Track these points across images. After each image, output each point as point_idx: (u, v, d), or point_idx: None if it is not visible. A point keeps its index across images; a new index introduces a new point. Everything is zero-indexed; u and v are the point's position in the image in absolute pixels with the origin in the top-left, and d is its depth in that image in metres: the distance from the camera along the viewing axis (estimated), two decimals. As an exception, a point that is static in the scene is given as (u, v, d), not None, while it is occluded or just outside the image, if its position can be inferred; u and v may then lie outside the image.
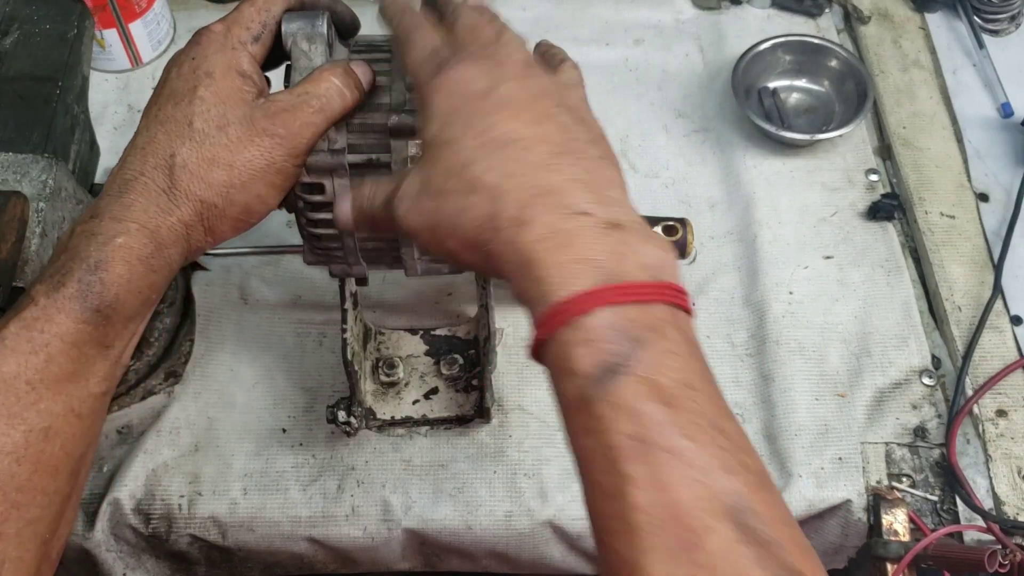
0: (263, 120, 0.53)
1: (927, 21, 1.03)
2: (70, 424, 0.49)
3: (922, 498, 0.73)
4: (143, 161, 0.52)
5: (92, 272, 0.49)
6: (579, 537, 0.72)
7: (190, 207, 0.52)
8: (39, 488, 0.47)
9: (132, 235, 0.50)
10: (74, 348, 0.48)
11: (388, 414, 0.76)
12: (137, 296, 0.50)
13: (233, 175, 0.52)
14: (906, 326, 0.81)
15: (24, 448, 0.46)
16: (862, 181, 0.90)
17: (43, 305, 0.48)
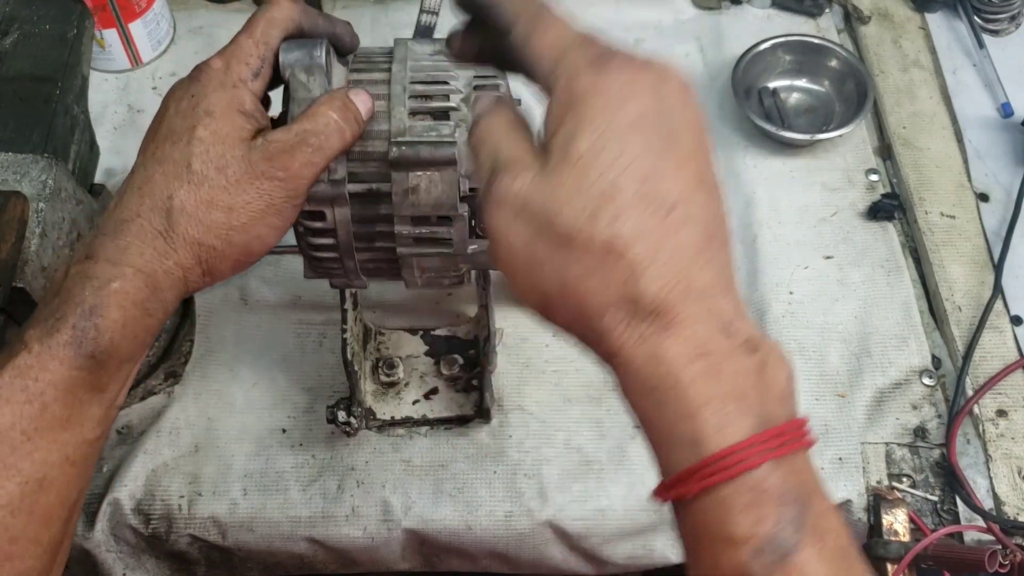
0: (262, 162, 0.51)
1: (927, 21, 1.03)
2: (65, 472, 0.48)
3: (922, 498, 0.73)
4: (140, 202, 0.51)
5: (87, 318, 0.47)
6: (579, 537, 0.72)
7: (188, 251, 0.51)
8: (32, 538, 0.46)
9: (128, 280, 0.48)
10: (68, 395, 0.47)
11: (388, 414, 0.76)
12: (132, 340, 0.49)
13: (232, 217, 0.51)
14: (906, 326, 0.81)
15: (19, 500, 0.45)
16: (862, 181, 0.90)
17: (37, 352, 0.46)
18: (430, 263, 0.61)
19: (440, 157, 0.56)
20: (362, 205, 0.57)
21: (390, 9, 1.03)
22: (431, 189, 0.56)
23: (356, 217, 0.57)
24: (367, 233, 0.58)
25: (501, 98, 0.52)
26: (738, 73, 0.93)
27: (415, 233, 0.58)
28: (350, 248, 0.59)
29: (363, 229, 0.58)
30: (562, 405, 0.77)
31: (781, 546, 0.34)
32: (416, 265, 0.61)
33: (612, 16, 1.03)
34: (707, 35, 1.02)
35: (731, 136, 0.93)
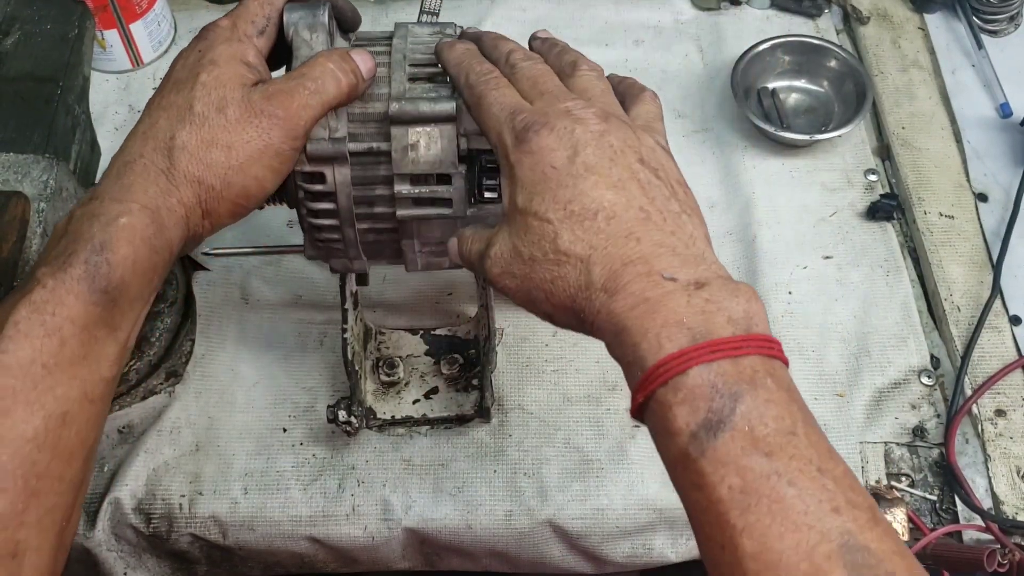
0: (261, 102, 0.53)
1: (926, 21, 1.03)
2: (84, 409, 0.48)
3: (921, 497, 0.73)
4: (143, 144, 0.53)
5: (98, 253, 0.48)
6: (579, 536, 0.73)
7: (189, 188, 0.52)
8: (57, 475, 0.47)
9: (135, 215, 0.50)
10: (85, 331, 0.48)
11: (388, 414, 0.76)
12: (142, 277, 0.50)
13: (231, 156, 0.53)
14: (905, 326, 0.81)
15: (44, 435, 0.46)
16: (861, 181, 0.90)
17: (52, 287, 0.47)
18: (430, 231, 0.61)
19: (440, 112, 0.57)
20: (362, 167, 0.58)
21: (390, 9, 1.03)
22: (430, 145, 0.57)
23: (356, 179, 0.58)
24: (367, 197, 0.59)
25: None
26: (737, 74, 0.93)
27: (414, 193, 0.59)
28: (350, 214, 0.59)
29: (363, 192, 0.59)
30: (562, 405, 0.77)
31: (712, 429, 0.41)
32: (416, 233, 0.61)
33: (611, 17, 1.03)
34: (706, 36, 1.02)
35: (730, 136, 0.93)
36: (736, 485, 0.40)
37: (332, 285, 0.80)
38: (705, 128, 0.95)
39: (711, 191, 0.90)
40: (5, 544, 0.44)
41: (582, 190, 0.48)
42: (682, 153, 0.92)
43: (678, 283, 0.45)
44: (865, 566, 0.38)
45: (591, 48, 1.00)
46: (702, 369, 0.42)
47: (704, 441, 0.41)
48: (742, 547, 0.39)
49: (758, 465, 0.40)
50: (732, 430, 0.41)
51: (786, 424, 0.41)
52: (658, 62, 1.00)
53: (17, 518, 0.45)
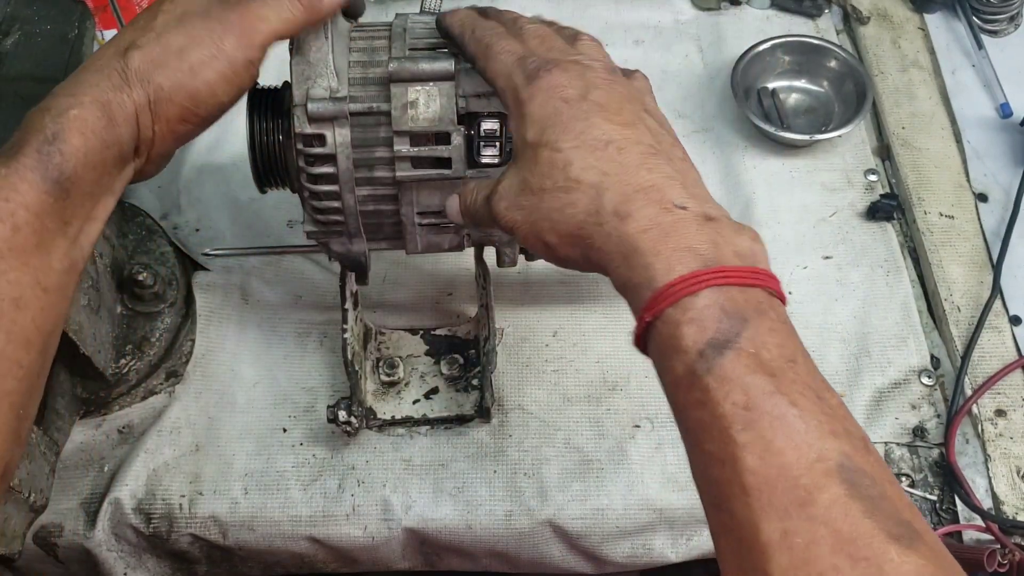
0: (217, 9, 0.55)
1: (926, 21, 1.03)
2: (38, 297, 0.49)
3: (921, 497, 0.73)
4: (104, 50, 0.54)
5: (50, 143, 0.49)
6: (578, 536, 0.73)
7: (139, 87, 0.53)
8: (13, 360, 0.48)
9: (85, 107, 0.51)
10: (37, 219, 0.49)
11: (388, 414, 0.76)
12: (92, 171, 0.51)
13: (182, 59, 0.54)
14: (905, 326, 0.81)
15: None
16: (861, 181, 0.90)
17: (4, 174, 0.48)
18: (429, 198, 0.62)
19: (439, 70, 0.58)
20: (362, 128, 0.59)
21: (390, 9, 1.03)
22: (429, 103, 0.58)
23: (356, 141, 0.59)
24: (367, 159, 0.60)
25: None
26: (737, 74, 0.93)
27: (413, 152, 0.59)
28: (350, 176, 0.59)
29: (362, 155, 0.59)
30: (562, 405, 0.77)
31: (719, 347, 0.42)
32: (415, 200, 0.61)
33: (611, 17, 1.03)
34: (706, 36, 1.02)
35: (730, 136, 0.93)
36: (740, 401, 0.41)
37: (332, 286, 0.80)
38: (705, 128, 0.95)
39: (711, 191, 0.88)
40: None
41: (594, 123, 0.49)
42: (682, 153, 0.93)
43: (689, 212, 0.46)
44: (861, 484, 0.39)
45: (591, 48, 1.01)
46: (712, 292, 0.43)
47: (711, 358, 0.42)
48: (743, 461, 0.40)
49: (762, 384, 0.41)
50: (738, 350, 0.42)
51: (788, 351, 0.43)
52: (658, 62, 1.00)
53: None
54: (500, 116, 0.60)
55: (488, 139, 0.60)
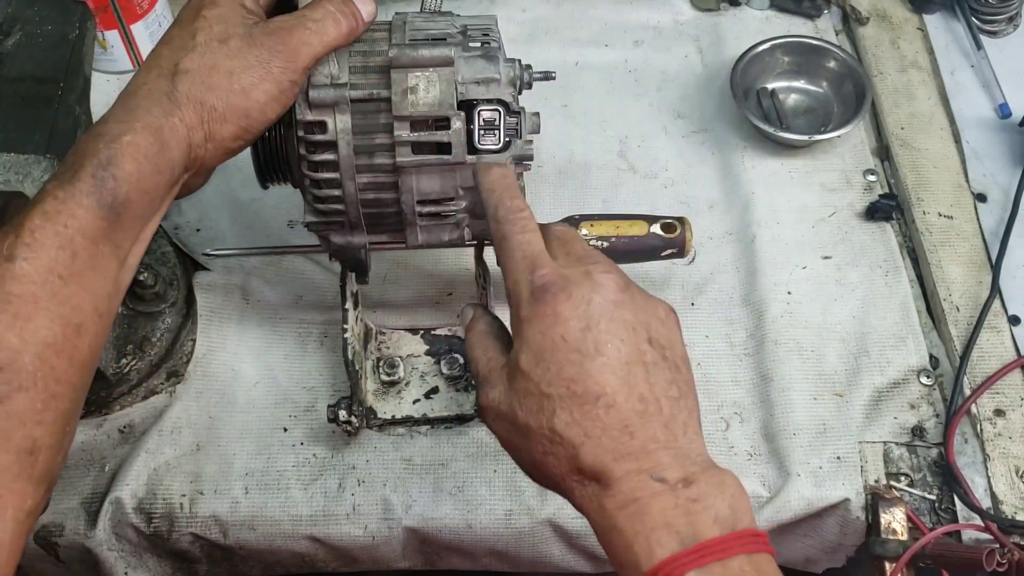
0: (261, 35, 0.56)
1: (925, 22, 1.03)
2: (94, 322, 0.50)
3: (920, 497, 0.73)
4: (147, 73, 0.55)
5: (104, 168, 0.50)
6: (578, 536, 0.73)
7: (191, 108, 0.54)
8: (70, 382, 0.49)
9: (138, 133, 0.52)
10: (93, 245, 0.50)
11: (389, 413, 0.76)
12: (144, 196, 0.52)
13: (233, 80, 0.55)
14: (904, 326, 0.81)
15: (63, 341, 0.48)
16: (860, 182, 0.90)
17: (62, 199, 0.49)
18: (429, 184, 0.62)
19: (438, 57, 0.59)
20: (363, 115, 0.60)
21: (390, 10, 1.03)
22: (429, 88, 0.59)
23: (356, 128, 0.60)
24: (367, 146, 0.60)
25: (480, 306, 0.59)
26: (736, 74, 0.93)
27: (413, 138, 0.59)
28: (350, 163, 0.60)
29: (363, 141, 0.60)
30: (562, 404, 0.77)
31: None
32: (415, 187, 0.62)
33: (611, 18, 1.04)
34: (706, 36, 1.02)
35: (730, 137, 0.93)
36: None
37: (333, 285, 0.80)
38: (705, 129, 0.95)
39: (711, 191, 0.90)
40: (24, 440, 0.46)
41: (587, 370, 0.48)
42: (681, 154, 0.93)
43: (667, 484, 0.46)
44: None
45: (591, 49, 1.01)
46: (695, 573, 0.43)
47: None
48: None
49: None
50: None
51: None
52: (658, 63, 1.00)
53: (36, 416, 0.47)
54: (499, 103, 0.60)
55: (488, 127, 0.60)
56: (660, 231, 0.74)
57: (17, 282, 0.47)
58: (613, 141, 0.93)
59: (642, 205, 0.89)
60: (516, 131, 0.61)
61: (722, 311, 0.83)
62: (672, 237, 0.74)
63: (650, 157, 0.93)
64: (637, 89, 0.98)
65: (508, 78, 0.61)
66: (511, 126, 0.61)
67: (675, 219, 0.75)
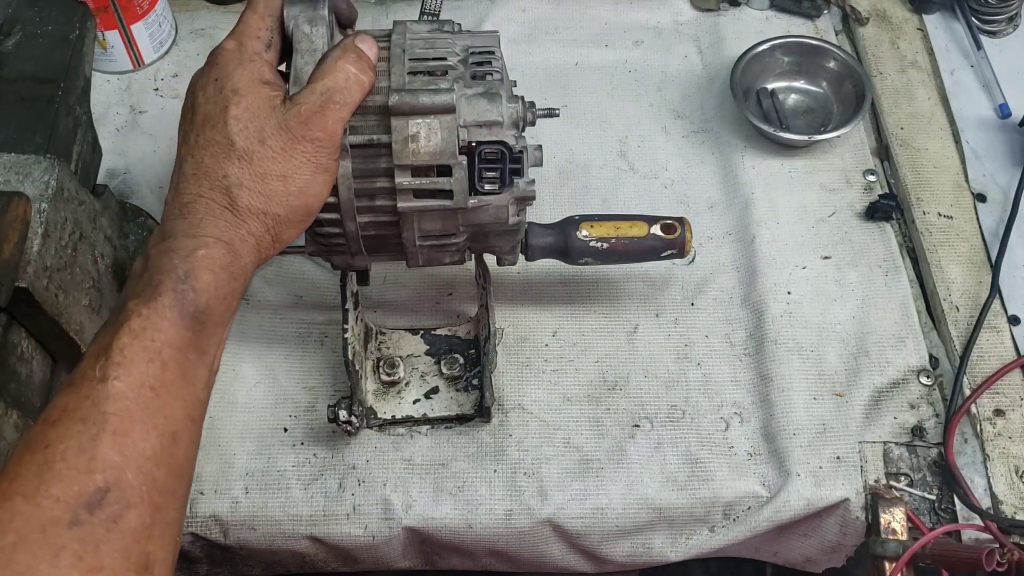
0: (299, 127, 0.55)
1: (925, 22, 1.03)
2: (188, 428, 0.51)
3: (920, 497, 0.73)
4: (198, 184, 0.55)
5: (183, 281, 0.51)
6: (578, 535, 0.73)
7: (256, 220, 0.55)
8: (172, 491, 0.49)
9: (211, 247, 0.53)
10: (181, 354, 0.50)
11: (389, 413, 0.76)
12: (223, 302, 0.53)
13: (289, 184, 0.55)
14: (904, 326, 0.81)
15: (160, 453, 0.48)
16: (860, 182, 0.90)
17: (146, 315, 0.50)
18: (430, 223, 0.62)
19: (439, 104, 0.58)
20: (363, 159, 0.59)
21: (390, 10, 1.03)
22: (431, 137, 0.58)
23: (357, 172, 0.59)
24: (368, 189, 0.59)
25: None
26: (736, 74, 0.93)
27: (415, 185, 0.59)
28: (351, 206, 0.59)
29: (364, 184, 0.59)
30: (561, 404, 0.77)
31: None
32: (416, 227, 0.61)
33: (611, 18, 1.04)
34: (705, 37, 1.02)
35: (730, 137, 0.93)
36: None
37: (333, 285, 0.80)
38: (704, 129, 0.95)
39: (711, 191, 0.90)
40: (139, 556, 0.46)
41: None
42: (681, 154, 0.93)
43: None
44: None
45: (591, 49, 1.01)
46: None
47: None
48: None
49: None
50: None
51: None
52: (658, 63, 1.00)
53: (147, 531, 0.47)
54: (501, 144, 0.60)
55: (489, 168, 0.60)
56: (660, 232, 0.74)
57: (112, 401, 0.47)
58: (613, 141, 0.93)
59: (642, 205, 0.89)
60: (519, 171, 0.60)
61: (722, 311, 0.83)
62: (672, 238, 0.74)
63: (650, 157, 0.93)
64: (637, 89, 0.98)
65: (511, 119, 0.59)
66: (514, 167, 0.60)
67: (675, 220, 0.75)
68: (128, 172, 0.91)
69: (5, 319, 0.62)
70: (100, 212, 0.71)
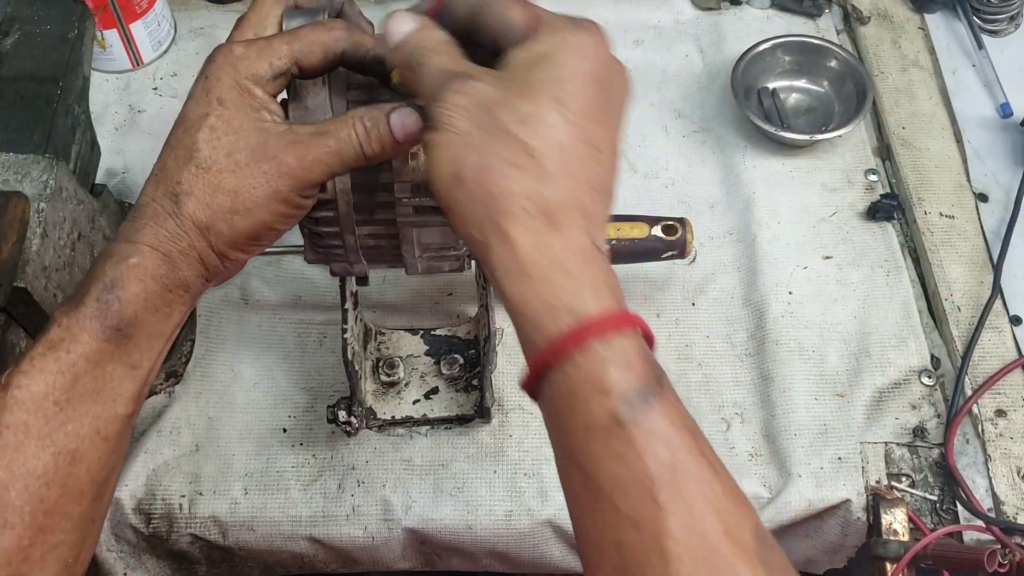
0: (275, 147, 0.51)
1: (926, 21, 1.03)
2: (96, 447, 0.48)
3: (921, 498, 0.73)
4: (155, 188, 0.52)
5: (109, 291, 0.49)
6: (579, 537, 0.73)
7: (197, 234, 0.51)
8: (64, 513, 0.47)
9: (144, 256, 0.50)
10: (98, 368, 0.48)
11: (388, 414, 0.76)
12: (155, 314, 0.50)
13: (237, 202, 0.51)
14: (905, 326, 0.81)
15: (53, 472, 0.46)
16: (861, 181, 0.90)
17: (66, 326, 0.48)
18: (430, 237, 0.61)
19: None
20: (363, 173, 0.57)
21: (390, 10, 1.03)
22: None
23: (356, 186, 0.58)
24: (367, 203, 0.59)
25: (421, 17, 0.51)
26: (737, 74, 0.93)
27: (415, 202, 0.58)
28: (350, 221, 0.59)
29: (363, 199, 0.58)
30: (562, 405, 0.77)
31: (645, 396, 0.39)
32: (416, 240, 0.61)
33: (611, 17, 1.03)
34: (706, 36, 1.02)
35: (730, 136, 0.93)
36: (665, 459, 0.38)
37: (332, 286, 0.80)
38: (705, 128, 0.95)
39: (711, 191, 0.90)
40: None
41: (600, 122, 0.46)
42: (682, 153, 0.93)
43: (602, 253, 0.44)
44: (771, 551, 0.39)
45: (591, 48, 1.00)
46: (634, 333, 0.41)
47: (637, 407, 0.39)
48: (665, 526, 0.38)
49: (686, 442, 0.39)
50: (664, 400, 0.40)
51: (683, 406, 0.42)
52: (658, 62, 1.00)
53: (22, 553, 0.45)
54: None
55: None
56: (661, 233, 0.74)
57: (9, 412, 0.45)
58: (613, 141, 0.93)
59: (642, 205, 0.88)
60: None
61: (723, 311, 0.83)
62: (673, 239, 0.74)
63: (650, 157, 0.93)
64: (637, 89, 0.97)
65: None
66: None
67: (676, 221, 0.75)
68: (127, 172, 0.90)
69: (3, 319, 0.61)
70: (99, 212, 0.71)
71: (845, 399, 0.77)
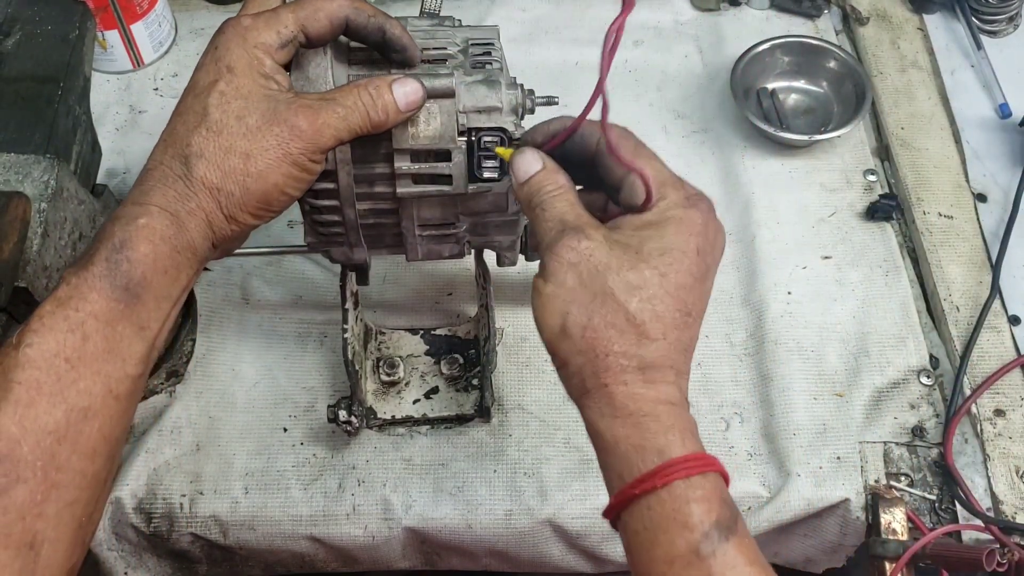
0: (285, 111, 0.53)
1: (925, 22, 1.03)
2: (108, 406, 0.49)
3: (920, 497, 0.73)
4: (163, 151, 0.53)
5: (118, 251, 0.49)
6: (578, 536, 0.73)
7: (207, 195, 0.52)
8: (78, 470, 0.48)
9: (153, 216, 0.51)
10: (108, 327, 0.49)
11: (389, 413, 0.76)
12: (164, 275, 0.51)
13: (249, 164, 0.52)
14: (904, 326, 0.81)
15: (65, 428, 0.47)
16: (860, 182, 0.90)
17: (75, 284, 0.48)
18: (430, 211, 0.62)
19: (439, 88, 0.58)
20: (362, 144, 0.58)
21: (391, 10, 1.03)
22: (430, 121, 0.58)
23: (356, 157, 0.58)
24: (367, 175, 0.59)
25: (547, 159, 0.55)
26: (737, 74, 0.93)
27: (414, 169, 0.59)
28: (350, 192, 0.59)
29: (363, 171, 0.59)
30: (561, 404, 0.77)
31: (724, 531, 0.44)
32: (416, 214, 0.61)
33: (611, 17, 1.03)
34: (706, 36, 1.02)
35: (730, 137, 0.93)
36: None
37: (332, 285, 0.80)
38: (705, 129, 0.95)
39: (711, 191, 0.89)
40: (23, 534, 0.45)
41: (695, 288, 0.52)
42: (681, 154, 0.93)
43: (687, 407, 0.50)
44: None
45: (591, 48, 1.01)
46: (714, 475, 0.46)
47: (715, 541, 0.44)
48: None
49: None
50: (740, 536, 0.44)
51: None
52: (658, 63, 1.00)
53: (36, 508, 0.45)
54: (500, 131, 0.60)
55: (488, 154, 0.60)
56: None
57: (21, 369, 0.46)
58: (613, 141, 0.93)
59: (642, 205, 0.88)
60: None
61: (722, 311, 0.83)
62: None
63: (650, 157, 0.93)
64: (637, 89, 0.98)
65: (510, 106, 0.59)
66: None
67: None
68: (128, 172, 0.91)
69: (4, 319, 0.62)
70: (100, 212, 0.71)
71: (844, 399, 0.77)
